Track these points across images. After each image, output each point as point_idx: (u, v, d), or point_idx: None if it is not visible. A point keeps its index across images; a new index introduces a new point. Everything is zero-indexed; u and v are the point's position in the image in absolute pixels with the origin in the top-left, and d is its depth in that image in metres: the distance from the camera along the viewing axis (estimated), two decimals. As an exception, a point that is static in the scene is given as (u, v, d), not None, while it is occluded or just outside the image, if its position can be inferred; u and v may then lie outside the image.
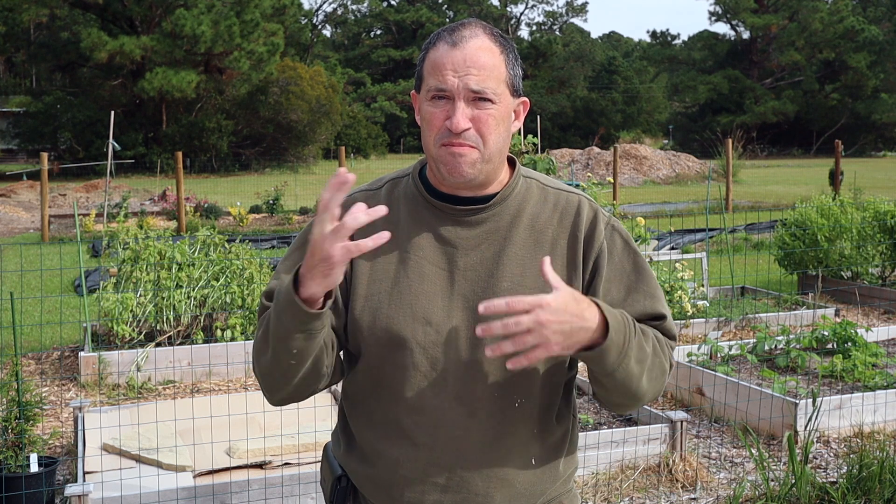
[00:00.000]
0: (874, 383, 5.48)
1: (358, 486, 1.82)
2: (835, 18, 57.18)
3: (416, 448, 1.73)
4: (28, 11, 32.47)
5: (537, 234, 1.78)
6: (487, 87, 1.68)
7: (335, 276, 1.55)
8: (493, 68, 1.70)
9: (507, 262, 1.75)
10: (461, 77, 1.67)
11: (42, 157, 15.22)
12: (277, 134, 38.27)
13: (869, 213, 9.14)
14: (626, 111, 62.09)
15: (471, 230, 1.76)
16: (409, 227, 1.77)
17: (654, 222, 11.00)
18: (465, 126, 1.67)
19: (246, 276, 6.80)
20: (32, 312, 8.55)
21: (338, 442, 1.88)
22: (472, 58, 1.68)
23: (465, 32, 1.71)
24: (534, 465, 1.78)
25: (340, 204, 1.75)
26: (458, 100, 1.68)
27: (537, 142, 8.22)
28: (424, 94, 1.73)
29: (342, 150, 17.16)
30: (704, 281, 8.54)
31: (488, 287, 1.73)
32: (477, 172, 1.72)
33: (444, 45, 1.70)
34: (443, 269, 1.74)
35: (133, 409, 4.94)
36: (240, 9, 34.18)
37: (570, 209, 1.81)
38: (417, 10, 66.11)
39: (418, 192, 1.80)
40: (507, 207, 1.78)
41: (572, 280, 1.77)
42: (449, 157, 1.70)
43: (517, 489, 1.77)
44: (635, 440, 4.53)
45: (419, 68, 1.76)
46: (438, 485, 1.74)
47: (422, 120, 1.74)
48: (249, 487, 3.90)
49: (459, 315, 1.72)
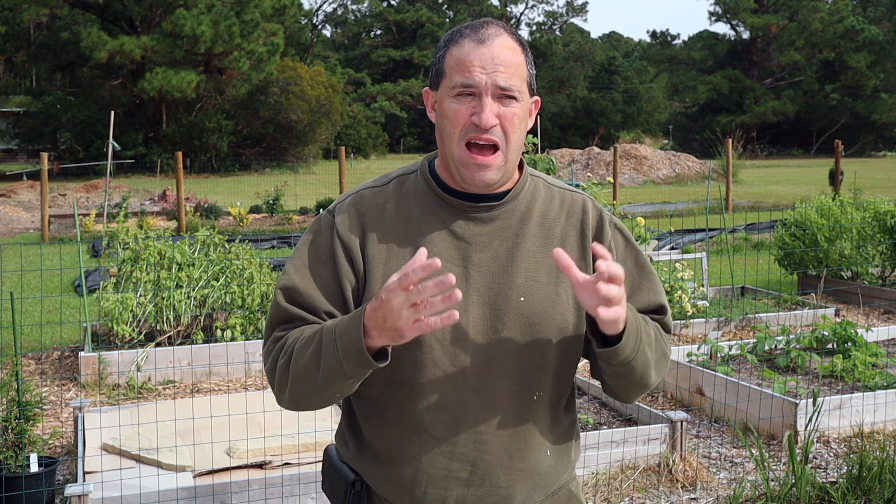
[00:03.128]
0: (874, 383, 5.48)
1: (374, 486, 1.81)
2: (835, 18, 57.19)
3: (437, 444, 1.74)
4: (28, 11, 32.47)
5: (547, 231, 1.81)
6: (513, 84, 1.71)
7: (402, 342, 1.58)
8: (518, 66, 1.73)
9: (520, 258, 1.77)
10: (489, 74, 1.69)
11: (42, 157, 15.22)
12: (277, 134, 38.26)
13: (869, 213, 9.14)
14: (626, 111, 62.10)
15: (483, 226, 1.78)
16: (422, 224, 1.78)
17: (654, 222, 10.99)
18: (493, 122, 1.69)
19: (246, 276, 6.80)
20: (32, 312, 8.55)
21: (345, 443, 1.87)
22: (499, 55, 1.70)
23: (490, 30, 1.73)
24: (549, 456, 1.81)
25: (352, 200, 1.78)
26: (486, 96, 1.69)
27: (537, 142, 8.22)
28: (447, 91, 1.73)
29: (342, 150, 17.18)
30: (704, 281, 8.54)
31: (503, 283, 1.75)
32: (499, 177, 1.74)
33: (470, 42, 1.72)
34: (457, 265, 1.75)
35: (133, 409, 4.94)
36: (240, 9, 34.17)
37: (576, 207, 1.85)
38: (417, 10, 66.07)
39: (429, 188, 1.81)
40: (518, 204, 1.80)
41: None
42: (473, 165, 1.71)
43: (536, 480, 1.80)
44: (635, 440, 4.53)
45: (439, 65, 1.76)
46: (461, 479, 1.75)
47: (442, 116, 1.75)
48: (249, 487, 3.90)
49: (476, 310, 1.73)
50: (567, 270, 1.57)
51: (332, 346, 1.62)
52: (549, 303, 1.76)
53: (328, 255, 1.78)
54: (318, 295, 1.75)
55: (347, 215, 1.80)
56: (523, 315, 1.74)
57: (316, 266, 1.78)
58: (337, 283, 1.76)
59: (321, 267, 1.77)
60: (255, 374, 6.36)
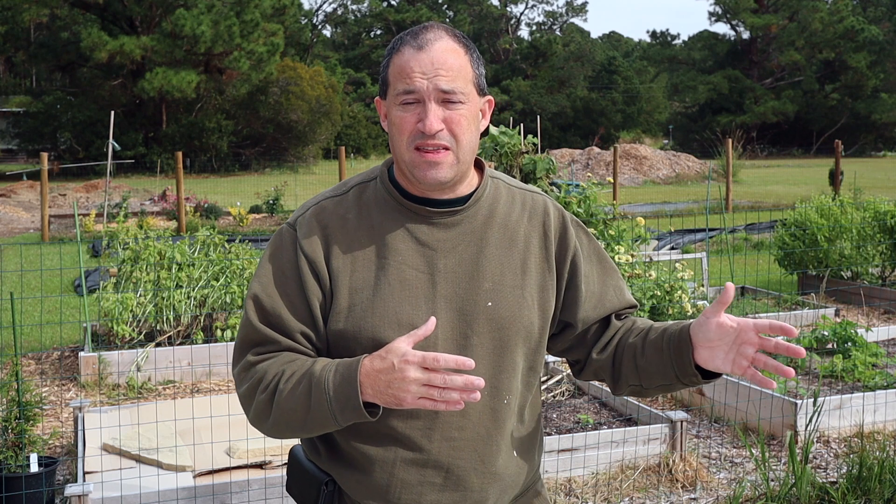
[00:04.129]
0: (874, 383, 5.48)
1: (347, 490, 1.80)
2: (835, 18, 57.16)
3: (411, 451, 1.74)
4: (28, 11, 32.46)
5: (510, 234, 1.81)
6: (457, 86, 1.70)
7: (397, 408, 1.62)
8: (461, 69, 1.71)
9: (485, 262, 1.76)
10: (430, 79, 1.68)
11: (42, 157, 15.22)
12: (277, 134, 38.27)
13: (869, 214, 9.13)
14: (626, 111, 62.04)
15: (447, 231, 1.77)
16: (385, 232, 1.76)
17: (654, 222, 10.99)
18: (438, 127, 1.68)
19: (246, 276, 6.80)
20: (32, 312, 8.55)
21: (315, 450, 1.84)
22: (439, 59, 1.69)
23: (428, 35, 1.71)
24: (516, 457, 1.83)
25: (313, 212, 1.79)
26: (429, 101, 1.68)
27: (537, 142, 8.22)
28: (392, 100, 1.73)
29: (342, 150, 17.17)
30: (704, 281, 8.54)
31: (470, 288, 1.74)
32: (452, 175, 1.73)
33: (409, 48, 1.71)
34: (423, 273, 1.74)
35: (133, 409, 4.93)
36: (240, 9, 34.18)
37: (537, 208, 1.86)
38: (417, 10, 66.05)
39: (390, 195, 1.79)
40: (480, 208, 1.80)
41: (545, 276, 1.82)
42: (423, 164, 1.70)
43: (506, 482, 1.81)
44: (635, 440, 4.53)
45: (384, 74, 1.76)
46: (436, 485, 1.75)
47: (390, 125, 1.74)
48: (249, 487, 3.90)
49: (444, 317, 1.73)
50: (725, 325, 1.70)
51: (323, 399, 1.62)
52: (516, 306, 1.76)
53: (293, 272, 1.74)
54: (286, 314, 1.73)
55: (309, 228, 1.77)
56: (492, 320, 1.74)
57: (281, 283, 1.75)
58: (304, 300, 1.73)
59: (287, 283, 1.74)
60: (255, 374, 6.35)
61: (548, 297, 1.82)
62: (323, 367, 1.65)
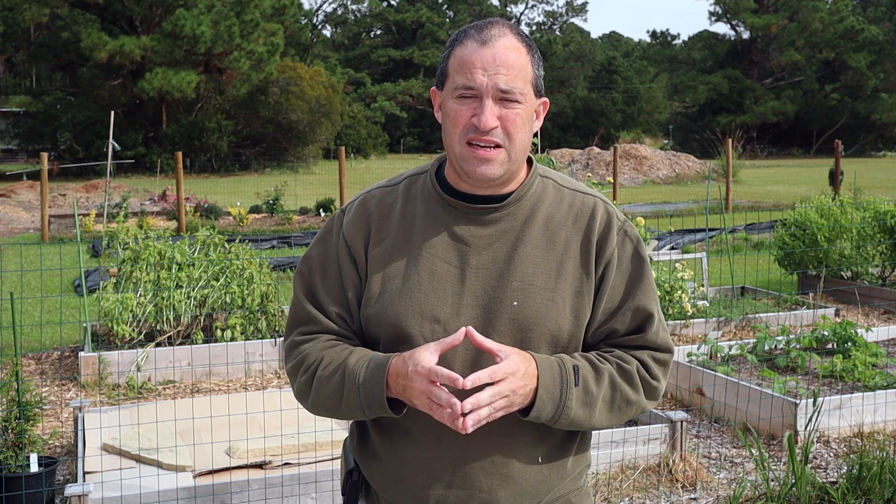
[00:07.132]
0: (874, 383, 5.48)
1: (368, 479, 1.85)
2: (835, 18, 57.14)
3: (419, 445, 1.76)
4: (28, 11, 32.42)
5: (551, 235, 1.78)
6: (515, 86, 1.70)
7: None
8: (521, 68, 1.71)
9: (518, 261, 1.75)
10: (490, 76, 1.68)
11: (42, 157, 15.22)
12: (277, 134, 38.24)
13: (869, 214, 9.14)
14: (626, 111, 62.06)
15: (485, 228, 1.77)
16: (424, 225, 1.79)
17: (654, 222, 10.99)
18: (493, 124, 1.69)
19: (246, 276, 6.80)
20: (32, 312, 8.55)
21: (353, 435, 1.92)
22: (501, 57, 1.69)
23: (493, 31, 1.71)
24: (540, 463, 1.79)
25: (362, 200, 1.85)
26: (487, 98, 1.69)
27: (537, 142, 8.21)
28: (450, 91, 1.73)
29: (342, 150, 17.17)
30: (704, 281, 8.54)
31: (499, 286, 1.74)
32: (501, 172, 1.74)
33: (473, 42, 1.71)
34: (454, 267, 1.75)
35: (133, 409, 4.94)
36: (240, 9, 34.15)
37: (584, 211, 1.81)
38: (417, 10, 66.04)
39: (434, 189, 1.81)
40: (522, 207, 1.79)
41: (583, 282, 1.78)
42: (473, 159, 1.71)
43: (522, 486, 1.78)
44: (635, 440, 4.53)
45: (444, 65, 1.76)
46: (444, 480, 1.76)
47: (445, 116, 1.75)
48: (249, 487, 3.90)
49: (469, 313, 1.73)
50: (494, 355, 1.66)
51: (354, 392, 1.70)
52: (544, 308, 1.74)
53: (334, 255, 1.83)
54: (323, 296, 1.82)
55: (355, 215, 1.84)
56: (515, 320, 1.73)
57: (322, 265, 1.84)
58: (340, 283, 1.81)
59: (328, 266, 1.83)
60: (254, 374, 6.36)
61: (583, 302, 1.77)
62: (357, 359, 1.72)
